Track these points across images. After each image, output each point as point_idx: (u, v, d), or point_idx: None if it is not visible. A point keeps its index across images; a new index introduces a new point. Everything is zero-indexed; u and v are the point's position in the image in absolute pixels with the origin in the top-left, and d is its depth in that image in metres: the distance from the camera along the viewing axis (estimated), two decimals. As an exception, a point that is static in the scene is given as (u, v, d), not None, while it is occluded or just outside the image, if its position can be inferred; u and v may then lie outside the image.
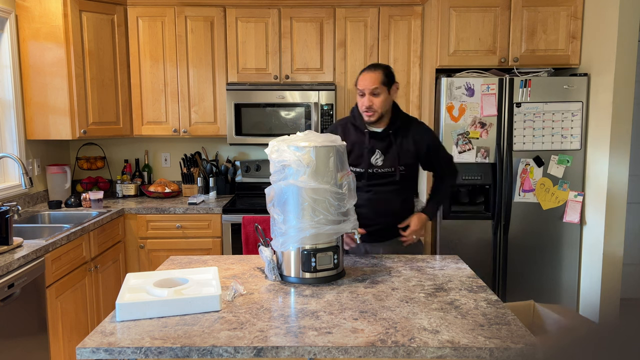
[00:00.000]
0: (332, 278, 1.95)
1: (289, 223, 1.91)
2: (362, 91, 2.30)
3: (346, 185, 1.91)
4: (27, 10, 3.38)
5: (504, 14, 3.37)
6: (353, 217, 1.97)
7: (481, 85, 3.27)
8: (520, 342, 1.44)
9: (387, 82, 2.31)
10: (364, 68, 2.37)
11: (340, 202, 1.90)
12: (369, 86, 2.28)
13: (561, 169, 3.31)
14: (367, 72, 2.32)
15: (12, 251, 2.43)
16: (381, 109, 2.31)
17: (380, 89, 2.29)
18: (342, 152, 1.94)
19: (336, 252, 1.94)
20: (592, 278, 3.28)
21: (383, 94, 2.30)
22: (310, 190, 1.87)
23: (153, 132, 3.81)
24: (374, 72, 2.31)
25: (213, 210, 3.51)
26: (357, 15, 3.67)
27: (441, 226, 3.38)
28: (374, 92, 2.28)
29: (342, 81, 3.72)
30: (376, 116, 2.32)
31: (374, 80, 2.28)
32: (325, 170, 1.88)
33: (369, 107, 2.30)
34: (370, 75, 2.30)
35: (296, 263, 1.94)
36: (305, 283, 1.92)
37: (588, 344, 0.60)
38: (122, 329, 1.54)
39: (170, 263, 2.20)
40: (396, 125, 2.38)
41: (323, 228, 1.88)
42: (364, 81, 2.30)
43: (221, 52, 3.72)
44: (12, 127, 3.40)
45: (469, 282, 1.94)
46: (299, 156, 1.87)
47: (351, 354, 1.42)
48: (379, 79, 2.29)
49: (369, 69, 2.33)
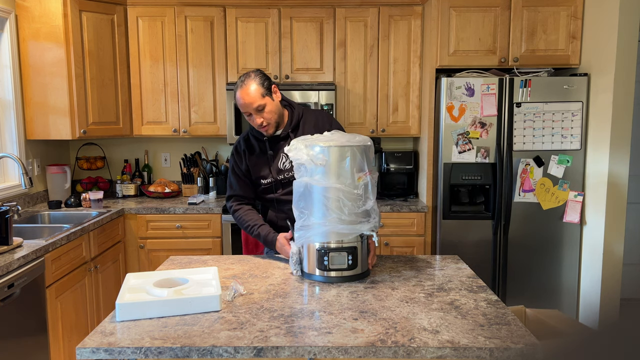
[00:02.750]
0: (351, 278, 1.94)
1: (303, 220, 1.93)
2: (246, 112, 2.12)
3: (363, 186, 1.89)
4: (27, 10, 3.37)
5: (504, 14, 3.37)
6: (375, 218, 1.94)
7: (481, 85, 3.27)
8: (520, 342, 1.44)
9: (266, 90, 2.12)
10: (236, 86, 2.14)
11: (355, 202, 1.88)
12: (251, 106, 2.09)
13: (561, 169, 3.31)
14: (241, 91, 2.10)
15: (12, 251, 2.43)
16: (274, 119, 2.15)
17: (262, 102, 2.10)
18: (361, 152, 1.89)
19: (352, 252, 1.93)
20: (592, 278, 3.28)
21: (268, 104, 2.12)
22: (322, 189, 1.87)
23: (153, 132, 3.81)
24: (248, 87, 2.09)
25: (213, 210, 3.51)
26: (357, 15, 3.67)
27: (441, 226, 3.38)
28: (258, 109, 2.10)
29: (342, 81, 3.72)
30: (272, 127, 2.16)
31: (252, 98, 2.08)
32: (339, 170, 1.87)
33: (260, 124, 2.13)
34: (245, 94, 2.08)
35: (312, 260, 1.96)
36: (323, 281, 1.93)
37: (588, 346, 0.60)
38: (122, 329, 1.54)
39: (170, 263, 2.20)
40: (294, 122, 2.23)
41: (336, 227, 1.88)
42: (243, 102, 2.09)
43: (221, 52, 3.72)
44: (12, 127, 3.39)
45: (469, 282, 1.94)
46: (311, 155, 1.88)
47: (351, 354, 1.42)
48: (257, 93, 2.09)
49: (241, 87, 2.10)
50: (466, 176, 3.32)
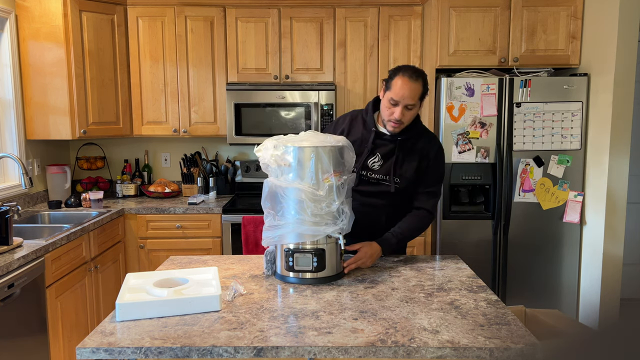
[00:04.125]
0: (317, 281, 1.91)
1: (269, 220, 1.93)
2: (397, 101, 2.01)
3: (327, 187, 1.84)
4: (27, 10, 3.37)
5: (504, 14, 3.37)
6: (343, 221, 1.88)
7: (481, 85, 3.27)
8: (520, 342, 1.44)
9: (423, 95, 2.05)
10: (401, 70, 2.02)
11: (318, 203, 1.84)
12: (408, 100, 2.00)
13: (561, 169, 3.31)
14: (409, 81, 1.99)
15: (12, 251, 2.43)
16: (408, 123, 2.09)
17: (416, 104, 2.04)
18: (327, 153, 1.83)
19: (319, 254, 1.89)
20: (592, 278, 3.28)
21: (416, 108, 2.06)
22: (286, 189, 1.86)
23: (153, 132, 3.81)
24: (416, 83, 2.00)
25: (213, 210, 3.51)
26: (357, 15, 3.67)
27: (441, 226, 3.38)
28: (408, 106, 2.02)
29: (342, 81, 3.72)
30: (402, 128, 2.09)
31: (414, 94, 2.00)
32: (303, 171, 1.85)
33: (399, 119, 2.04)
34: (412, 87, 1.99)
35: (281, 261, 1.96)
36: (291, 282, 1.93)
37: (588, 346, 0.60)
38: (122, 329, 1.54)
39: (170, 263, 2.20)
40: (409, 134, 2.14)
41: (299, 228, 1.86)
42: (403, 91, 1.99)
43: (221, 52, 3.72)
44: (12, 127, 3.39)
45: (469, 282, 1.94)
46: (275, 156, 1.86)
47: (351, 354, 1.42)
48: (419, 93, 2.01)
49: (410, 77, 2.00)
50: (466, 176, 3.32)
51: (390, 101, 2.04)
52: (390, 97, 2.03)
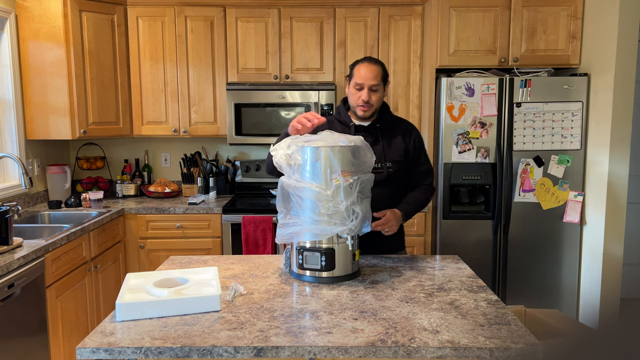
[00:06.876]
0: (328, 280, 1.92)
1: (281, 218, 1.96)
2: (361, 85, 2.17)
3: (334, 187, 1.85)
4: (27, 10, 3.37)
5: (504, 14, 3.37)
6: (353, 222, 1.88)
7: (481, 85, 3.27)
8: (520, 342, 1.44)
9: (384, 78, 2.22)
10: (360, 60, 2.22)
11: (326, 203, 1.85)
12: (370, 81, 2.16)
13: (561, 169, 3.31)
14: (367, 64, 2.18)
15: (12, 251, 2.43)
16: (376, 105, 2.22)
17: (379, 86, 2.18)
18: (337, 153, 1.85)
19: (328, 253, 1.90)
20: (592, 278, 3.28)
21: (380, 90, 2.20)
22: (296, 188, 1.88)
23: (153, 132, 3.81)
24: (375, 65, 2.18)
25: (213, 210, 3.51)
26: (357, 15, 3.67)
27: (441, 226, 3.38)
28: (372, 88, 2.17)
29: (342, 81, 3.72)
30: (371, 111, 2.22)
31: (375, 75, 2.16)
32: (313, 171, 1.86)
33: (366, 102, 2.18)
34: (371, 68, 2.16)
35: (294, 259, 1.99)
36: (306, 281, 1.95)
37: (588, 346, 0.60)
38: (122, 329, 1.54)
39: (170, 263, 2.20)
40: (384, 120, 2.28)
41: (308, 227, 1.87)
42: (364, 74, 2.16)
43: (221, 52, 3.72)
44: (12, 127, 3.40)
45: (469, 282, 1.94)
46: (287, 155, 1.88)
47: (351, 354, 1.42)
48: (380, 75, 2.18)
49: (369, 62, 2.19)
50: (466, 176, 3.32)
51: (355, 87, 2.19)
52: (355, 82, 2.19)
